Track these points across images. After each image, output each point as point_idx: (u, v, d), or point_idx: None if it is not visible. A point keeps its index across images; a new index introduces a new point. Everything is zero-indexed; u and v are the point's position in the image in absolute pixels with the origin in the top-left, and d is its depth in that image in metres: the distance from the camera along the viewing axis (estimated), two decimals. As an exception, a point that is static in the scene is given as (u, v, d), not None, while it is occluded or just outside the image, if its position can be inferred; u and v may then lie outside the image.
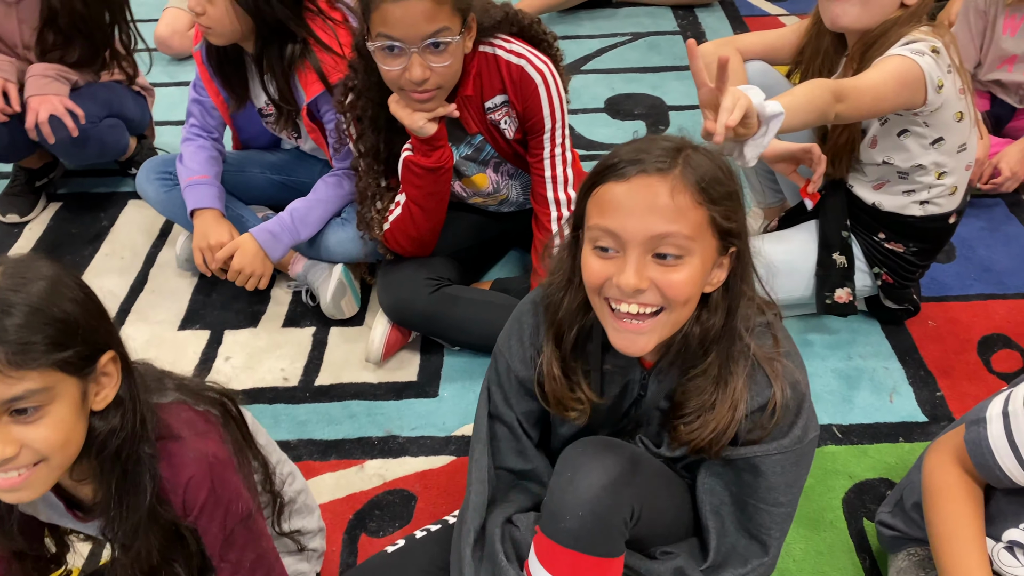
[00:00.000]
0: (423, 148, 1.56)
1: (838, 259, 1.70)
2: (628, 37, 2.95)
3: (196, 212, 1.82)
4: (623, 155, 0.97)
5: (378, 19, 1.40)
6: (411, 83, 1.44)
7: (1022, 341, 1.78)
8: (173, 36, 2.83)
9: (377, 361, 1.75)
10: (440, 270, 1.74)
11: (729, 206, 0.97)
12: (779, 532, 1.09)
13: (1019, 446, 1.05)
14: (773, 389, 1.02)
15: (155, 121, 2.57)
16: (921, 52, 1.44)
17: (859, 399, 1.67)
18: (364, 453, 1.60)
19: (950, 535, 1.13)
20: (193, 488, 0.97)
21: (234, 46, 1.75)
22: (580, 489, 1.00)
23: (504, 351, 1.15)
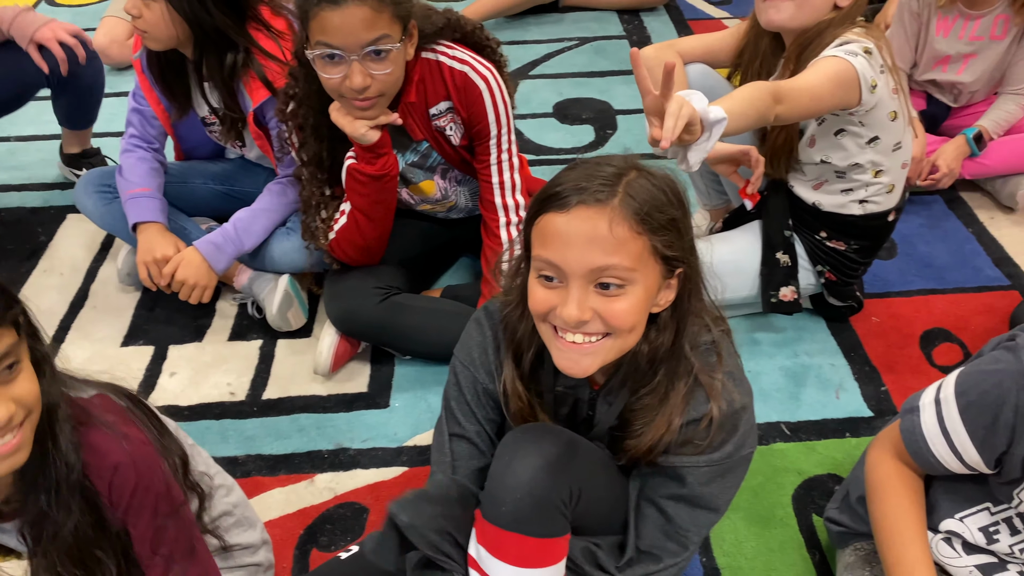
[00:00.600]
0: (367, 156, 1.55)
1: (781, 258, 1.73)
2: (575, 42, 2.97)
3: (139, 226, 1.78)
4: (565, 183, 0.97)
5: (317, 27, 1.38)
6: (352, 91, 1.43)
7: (962, 335, 1.82)
8: (112, 45, 2.76)
9: (326, 373, 1.73)
10: (389, 278, 1.72)
11: (671, 234, 0.97)
12: (698, 535, 1.11)
13: (950, 433, 1.08)
14: (710, 406, 1.04)
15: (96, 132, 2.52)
16: (854, 53, 1.46)
17: (806, 396, 1.70)
18: (314, 467, 1.58)
19: (892, 528, 1.15)
20: (121, 475, 0.95)
21: (175, 53, 1.72)
22: (518, 472, 1.01)
23: (466, 363, 1.14)
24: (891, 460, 1.18)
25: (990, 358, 1.08)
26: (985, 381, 1.05)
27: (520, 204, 1.67)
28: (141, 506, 0.98)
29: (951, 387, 1.09)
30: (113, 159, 2.31)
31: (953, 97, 2.21)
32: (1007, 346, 1.07)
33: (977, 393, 1.05)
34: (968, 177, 2.16)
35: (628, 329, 0.98)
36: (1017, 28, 2.02)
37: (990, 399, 1.03)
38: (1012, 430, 1.01)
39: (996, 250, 2.05)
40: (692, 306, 1.04)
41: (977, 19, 2.03)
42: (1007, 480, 1.07)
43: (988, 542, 1.15)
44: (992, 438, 1.03)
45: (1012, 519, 1.13)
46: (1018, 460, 1.03)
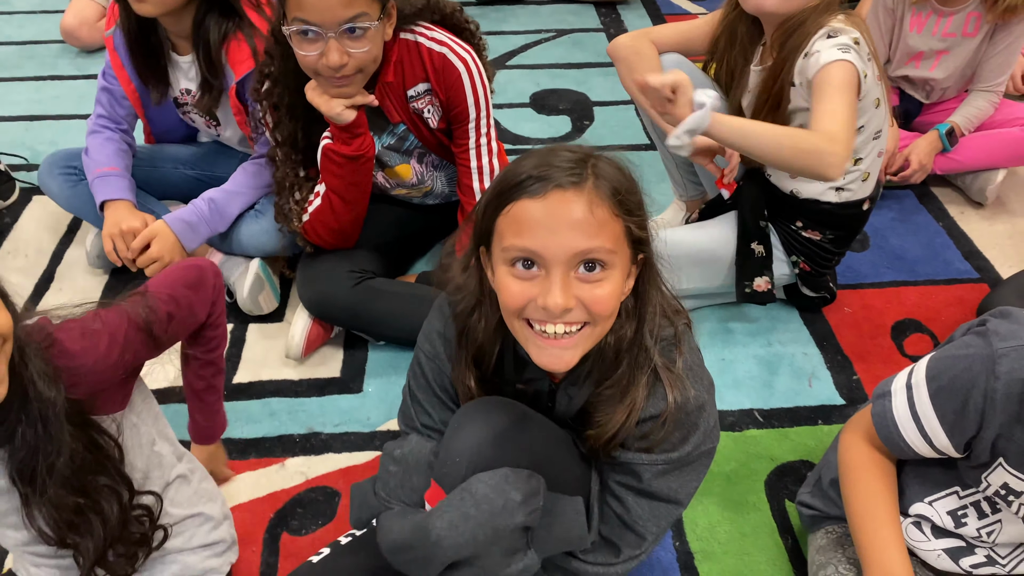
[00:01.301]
0: (343, 136, 1.53)
1: (756, 248, 1.74)
2: (552, 34, 2.97)
3: (107, 204, 1.74)
4: (528, 170, 0.92)
5: (294, 3, 1.36)
6: (328, 69, 1.41)
7: (932, 326, 1.84)
8: (81, 27, 2.71)
9: (298, 357, 1.71)
10: (363, 263, 1.70)
11: (641, 216, 0.96)
12: (656, 527, 1.09)
13: (921, 418, 1.08)
14: (668, 402, 1.02)
15: (62, 115, 2.47)
16: (847, 47, 1.47)
17: (779, 384, 1.71)
18: (285, 451, 1.55)
19: (864, 510, 1.16)
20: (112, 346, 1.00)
21: (152, 31, 1.69)
22: (463, 437, 1.01)
23: (431, 355, 1.13)
24: (863, 444, 1.19)
25: (960, 343, 1.09)
26: (955, 366, 1.05)
27: None
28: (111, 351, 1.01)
29: (922, 372, 1.10)
30: (30, 182, 2.20)
31: (925, 93, 2.23)
32: (977, 331, 1.07)
33: (948, 378, 1.06)
34: (939, 172, 2.18)
35: (608, 316, 0.97)
36: (988, 26, 2.04)
37: (960, 383, 1.04)
38: (981, 414, 1.02)
39: (966, 244, 2.07)
40: (652, 293, 1.02)
41: (950, 16, 2.06)
42: (976, 464, 1.08)
43: (956, 526, 1.16)
44: (962, 422, 1.04)
45: (980, 503, 1.14)
46: (987, 444, 1.04)
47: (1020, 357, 0.99)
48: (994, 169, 2.15)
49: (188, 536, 1.17)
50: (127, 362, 1.03)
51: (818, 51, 1.48)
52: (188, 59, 1.74)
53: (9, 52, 2.77)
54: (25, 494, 0.96)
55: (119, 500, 1.01)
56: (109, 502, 1.00)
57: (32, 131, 2.40)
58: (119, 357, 1.01)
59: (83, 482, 0.97)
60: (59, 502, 0.96)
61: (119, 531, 1.02)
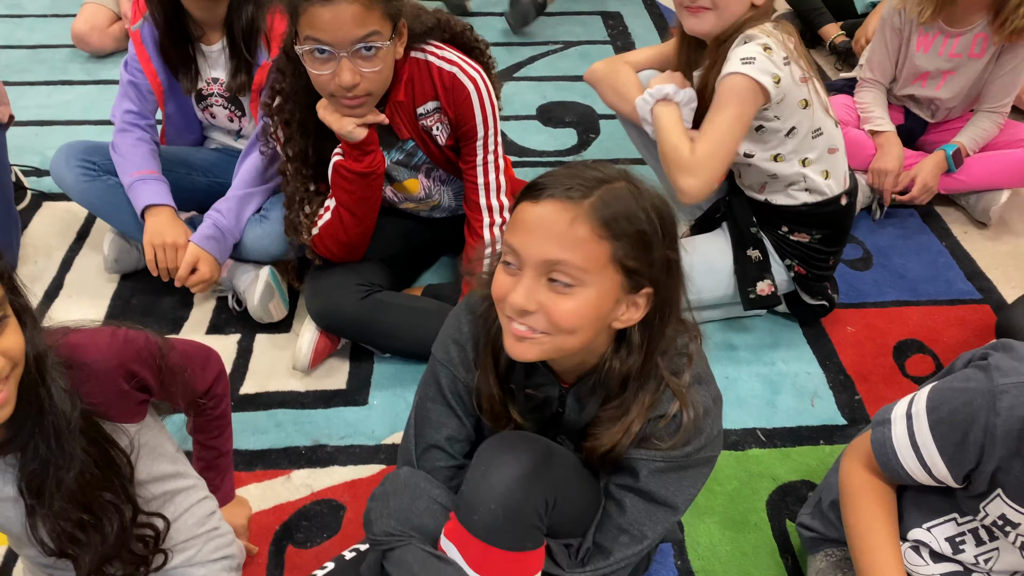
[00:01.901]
0: (354, 153, 1.54)
1: (752, 254, 1.77)
2: (559, 46, 2.98)
3: (149, 209, 1.74)
4: (548, 177, 0.97)
5: (306, 22, 1.38)
6: (341, 88, 1.42)
7: (935, 346, 1.85)
8: (92, 32, 2.73)
9: (305, 369, 1.72)
10: (370, 276, 1.72)
11: (636, 246, 0.96)
12: (652, 531, 1.09)
13: (920, 447, 1.09)
14: (674, 404, 1.03)
15: (72, 120, 2.49)
16: (749, 59, 1.51)
17: (782, 403, 1.72)
18: (291, 463, 1.57)
19: (865, 534, 1.17)
20: (128, 366, 1.01)
21: (182, 20, 1.71)
22: (493, 482, 1.01)
23: (445, 362, 1.14)
24: (864, 469, 1.20)
25: (962, 376, 1.09)
26: (956, 399, 1.06)
27: (504, 205, 1.68)
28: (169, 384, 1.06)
29: (923, 402, 1.11)
30: (41, 190, 2.19)
31: (931, 112, 2.24)
32: (979, 365, 1.08)
33: (948, 410, 1.06)
34: (943, 192, 2.20)
35: (569, 331, 0.97)
36: (995, 47, 2.06)
37: (960, 417, 1.04)
38: (981, 448, 1.03)
39: (968, 264, 2.08)
40: (663, 328, 1.02)
41: (957, 37, 2.07)
42: (974, 494, 1.09)
43: (954, 552, 1.17)
44: (961, 455, 1.05)
45: (978, 530, 1.15)
46: (986, 476, 1.05)
47: (1021, 394, 1.00)
48: (998, 190, 2.16)
49: (197, 550, 1.18)
50: (137, 375, 1.03)
51: (727, 61, 1.54)
52: (217, 47, 1.74)
53: (20, 56, 2.79)
54: (31, 505, 0.97)
55: (121, 518, 1.02)
56: (111, 520, 1.01)
57: (42, 136, 2.41)
58: (132, 357, 1.02)
59: (89, 498, 0.98)
60: (63, 515, 0.97)
61: (117, 549, 1.03)
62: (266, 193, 1.81)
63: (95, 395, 0.98)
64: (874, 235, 2.17)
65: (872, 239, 2.15)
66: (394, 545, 1.07)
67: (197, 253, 1.72)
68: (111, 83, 2.60)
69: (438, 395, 1.15)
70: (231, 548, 1.23)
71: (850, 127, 2.21)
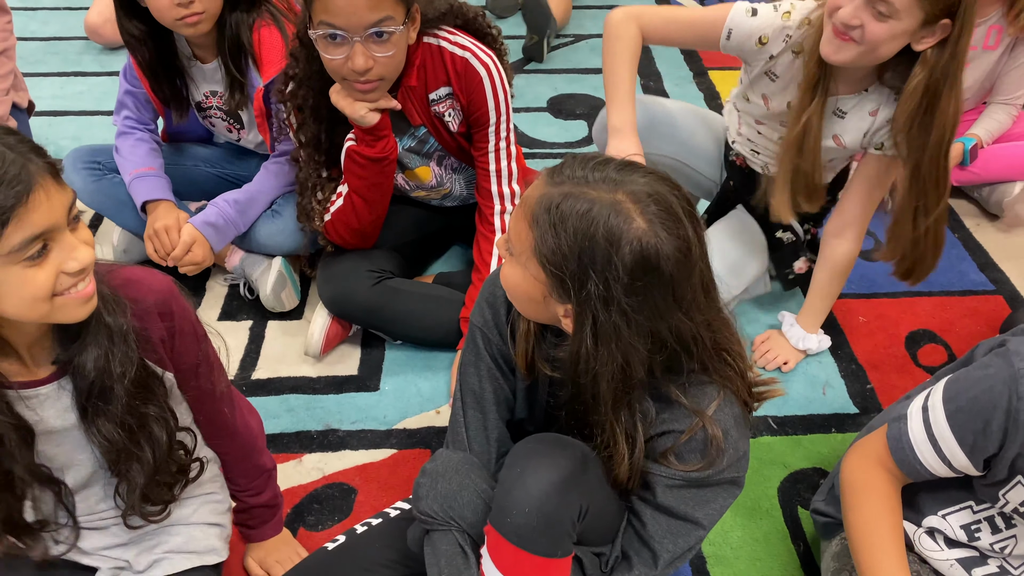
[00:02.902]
0: (366, 138, 1.55)
1: (783, 236, 1.79)
2: (570, 39, 2.98)
3: (148, 204, 1.76)
4: (566, 162, 0.97)
5: (320, 7, 1.38)
6: (354, 73, 1.43)
7: (947, 336, 1.85)
8: (105, 24, 2.73)
9: (316, 355, 1.72)
10: (382, 263, 1.72)
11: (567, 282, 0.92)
12: (673, 545, 1.06)
13: (938, 439, 1.08)
14: (693, 421, 1.00)
15: (85, 111, 2.50)
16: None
17: (794, 391, 1.72)
18: (303, 447, 1.57)
19: (868, 536, 1.15)
20: (172, 299, 1.03)
21: (171, 54, 1.71)
22: (529, 486, 0.99)
23: (479, 324, 1.14)
24: (871, 467, 1.17)
25: (980, 364, 1.08)
26: (975, 387, 1.05)
27: (516, 193, 1.68)
28: (188, 333, 1.06)
29: (939, 394, 1.10)
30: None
31: (944, 104, 2.23)
32: (998, 352, 1.07)
33: (967, 398, 1.06)
34: (956, 184, 2.19)
35: None
36: (1009, 39, 2.05)
37: (981, 404, 1.03)
38: (1004, 433, 1.02)
39: (981, 256, 2.08)
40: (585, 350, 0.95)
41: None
42: (993, 481, 1.08)
43: (970, 539, 1.17)
44: (983, 442, 1.04)
45: (994, 518, 1.14)
46: (1007, 463, 1.04)
47: None
48: (1011, 182, 2.15)
49: (194, 509, 1.19)
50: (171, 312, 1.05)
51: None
52: (212, 65, 1.75)
53: (33, 48, 2.80)
54: (90, 413, 0.99)
55: (167, 428, 1.05)
56: (160, 428, 1.04)
57: (55, 127, 2.42)
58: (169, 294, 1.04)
59: (136, 408, 1.01)
60: (118, 420, 1.00)
61: (166, 458, 1.06)
62: (280, 192, 1.82)
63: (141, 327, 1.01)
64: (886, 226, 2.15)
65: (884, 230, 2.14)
66: (435, 528, 1.08)
67: (193, 235, 1.71)
68: (124, 74, 2.61)
69: (477, 358, 1.15)
70: (225, 517, 1.24)
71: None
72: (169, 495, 1.11)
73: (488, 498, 1.08)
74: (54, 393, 0.99)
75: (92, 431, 1.01)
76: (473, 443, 1.15)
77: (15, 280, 0.85)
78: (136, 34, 1.66)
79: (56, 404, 1.00)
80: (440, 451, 1.14)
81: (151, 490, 1.08)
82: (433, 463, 1.11)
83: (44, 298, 0.87)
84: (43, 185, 0.84)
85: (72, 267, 0.88)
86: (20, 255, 0.84)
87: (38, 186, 0.83)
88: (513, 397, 1.17)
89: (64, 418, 1.01)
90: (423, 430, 1.61)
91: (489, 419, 1.15)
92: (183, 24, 1.59)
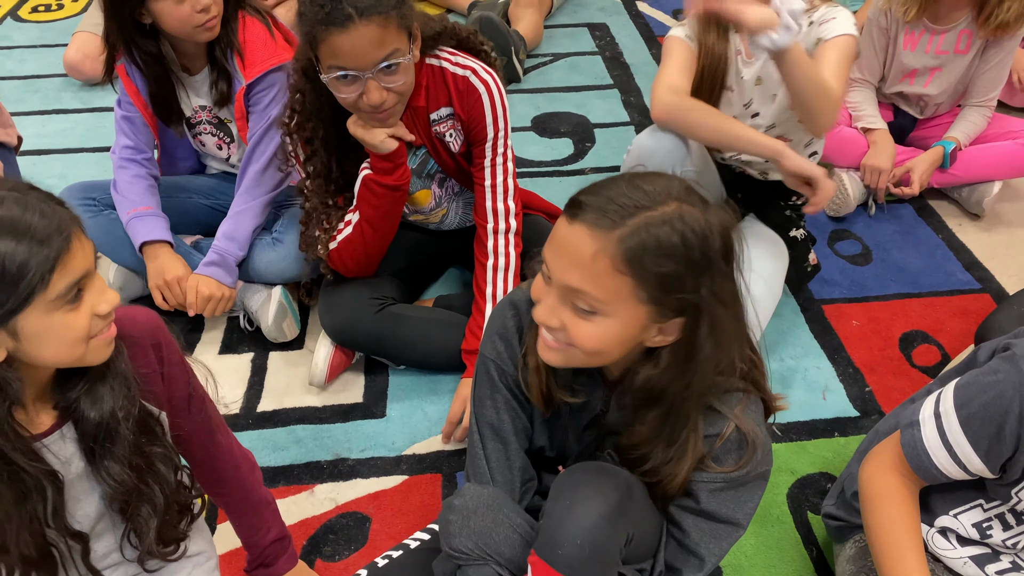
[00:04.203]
0: (385, 166, 1.56)
1: (797, 234, 1.86)
2: (549, 58, 3.01)
3: (147, 246, 1.76)
4: (594, 191, 0.95)
5: (327, 51, 1.39)
6: (370, 107, 1.45)
7: (939, 336, 1.89)
8: (84, 61, 2.73)
9: (321, 384, 1.72)
10: (384, 289, 1.73)
11: (664, 285, 0.92)
12: (718, 548, 1.09)
13: (953, 445, 1.10)
14: (728, 423, 1.03)
15: (69, 148, 2.49)
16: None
17: (795, 398, 1.74)
18: (313, 478, 1.57)
19: (888, 539, 1.17)
20: (160, 334, 1.05)
21: (159, 64, 1.72)
22: (580, 518, 1.00)
23: (493, 357, 1.14)
24: (888, 473, 1.19)
25: (987, 369, 1.10)
26: (986, 392, 1.07)
27: (511, 210, 1.67)
28: (177, 363, 1.07)
29: (950, 400, 1.12)
30: None
31: (920, 109, 2.29)
32: (1004, 356, 1.09)
33: (979, 405, 1.08)
34: (936, 186, 2.24)
35: (592, 352, 0.98)
36: (980, 42, 2.11)
37: (992, 410, 1.06)
38: (1018, 438, 1.04)
39: (966, 255, 2.13)
40: (695, 355, 0.98)
41: (942, 34, 2.12)
42: (1007, 482, 1.11)
43: (982, 537, 1.19)
44: (998, 447, 1.06)
45: (1004, 515, 1.17)
46: (1021, 464, 1.06)
47: None
48: (989, 181, 2.21)
49: (187, 573, 1.17)
50: (161, 347, 1.06)
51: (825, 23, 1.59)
52: (200, 76, 1.76)
53: (12, 87, 2.79)
54: (97, 455, 0.99)
55: (173, 465, 1.07)
56: (167, 467, 1.05)
57: (40, 165, 2.41)
58: (157, 327, 1.06)
59: (141, 447, 1.02)
60: (124, 461, 1.00)
61: (173, 497, 1.07)
62: (265, 206, 1.82)
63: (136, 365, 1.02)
64: (871, 230, 2.21)
65: (870, 234, 2.19)
66: (470, 563, 1.07)
67: (196, 280, 1.74)
68: (106, 110, 2.60)
69: (493, 390, 1.15)
70: (215, 574, 1.23)
71: (843, 126, 2.25)
72: (179, 533, 1.12)
73: (524, 532, 1.08)
74: (59, 442, 0.99)
75: (102, 474, 1.00)
76: (496, 475, 1.15)
77: (58, 325, 0.89)
78: (153, 51, 1.69)
79: (61, 454, 0.99)
80: (467, 486, 1.13)
81: (163, 529, 1.08)
82: (462, 499, 1.10)
83: (83, 340, 0.91)
84: (76, 233, 0.90)
85: (103, 309, 0.92)
86: (63, 300, 0.88)
87: (74, 234, 0.89)
88: (531, 425, 1.18)
89: (71, 466, 1.00)
90: (432, 455, 1.62)
91: (511, 450, 1.16)
92: (202, 30, 1.63)
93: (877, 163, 2.18)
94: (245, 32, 1.71)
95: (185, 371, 1.11)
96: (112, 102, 1.86)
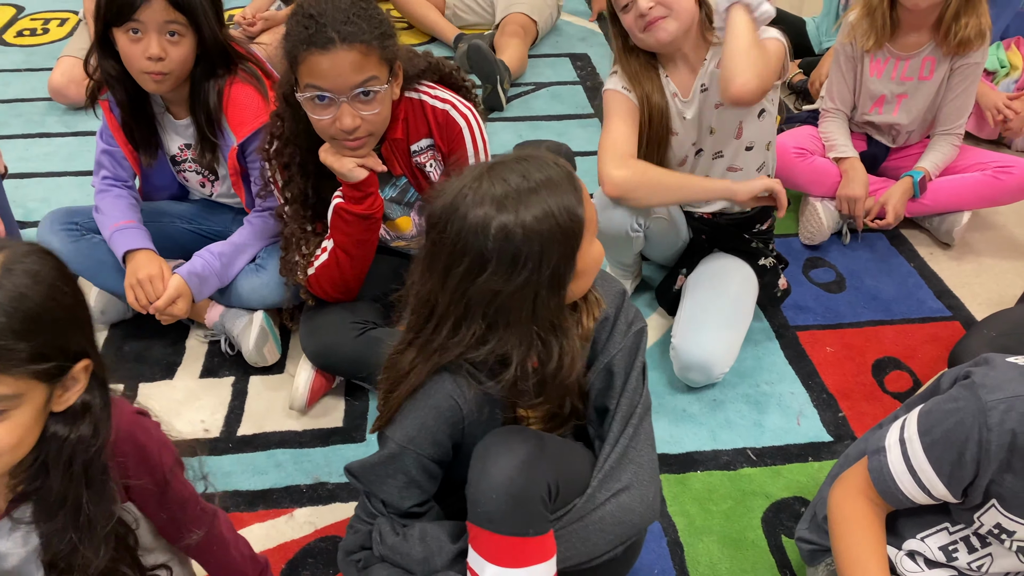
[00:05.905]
0: (355, 195, 1.58)
1: (766, 262, 1.93)
2: (531, 87, 3.06)
3: (129, 254, 1.76)
4: None
5: (306, 71, 1.42)
6: (342, 132, 1.47)
7: (910, 363, 1.93)
8: (69, 85, 2.74)
9: (302, 408, 1.73)
10: (364, 314, 1.74)
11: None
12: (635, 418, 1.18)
13: (917, 471, 1.14)
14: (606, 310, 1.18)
15: (53, 172, 2.50)
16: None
17: (769, 423, 1.77)
18: (293, 502, 1.58)
19: (856, 561, 1.20)
20: (121, 443, 0.97)
21: (146, 102, 1.74)
22: (492, 474, 1.07)
23: (423, 453, 1.15)
24: (855, 498, 1.23)
25: (948, 397, 1.14)
26: (947, 420, 1.11)
27: None
28: (157, 457, 1.04)
29: (914, 427, 1.16)
30: None
31: (891, 138, 2.34)
32: (964, 384, 1.13)
33: (941, 432, 1.11)
34: (908, 216, 2.29)
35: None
36: (944, 69, 2.16)
37: (954, 437, 1.09)
38: (977, 464, 1.08)
39: (937, 283, 2.17)
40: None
41: (907, 60, 2.18)
42: (969, 506, 1.14)
43: (948, 559, 1.22)
44: (959, 472, 1.10)
45: (969, 538, 1.20)
46: (981, 489, 1.10)
47: (1008, 408, 1.05)
48: (959, 211, 2.26)
49: None
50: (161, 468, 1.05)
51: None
52: (185, 121, 1.78)
53: (-5, 110, 2.80)
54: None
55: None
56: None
57: (22, 189, 2.41)
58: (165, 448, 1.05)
59: (109, 571, 0.99)
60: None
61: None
62: (263, 245, 1.84)
63: (134, 476, 1.00)
64: (845, 258, 2.25)
65: (844, 262, 2.24)
66: None
67: (179, 288, 1.73)
68: (90, 134, 2.62)
69: (408, 482, 1.16)
70: None
71: (816, 156, 2.30)
72: None
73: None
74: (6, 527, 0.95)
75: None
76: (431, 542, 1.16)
77: None
78: (113, 73, 1.69)
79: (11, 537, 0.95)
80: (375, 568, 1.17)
81: None
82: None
83: None
84: None
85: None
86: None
87: None
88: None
89: (5, 562, 0.96)
90: (412, 478, 1.63)
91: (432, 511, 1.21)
92: (148, 78, 1.64)
93: (851, 192, 2.23)
94: (230, 96, 1.72)
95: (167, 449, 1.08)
96: (96, 126, 1.88)
